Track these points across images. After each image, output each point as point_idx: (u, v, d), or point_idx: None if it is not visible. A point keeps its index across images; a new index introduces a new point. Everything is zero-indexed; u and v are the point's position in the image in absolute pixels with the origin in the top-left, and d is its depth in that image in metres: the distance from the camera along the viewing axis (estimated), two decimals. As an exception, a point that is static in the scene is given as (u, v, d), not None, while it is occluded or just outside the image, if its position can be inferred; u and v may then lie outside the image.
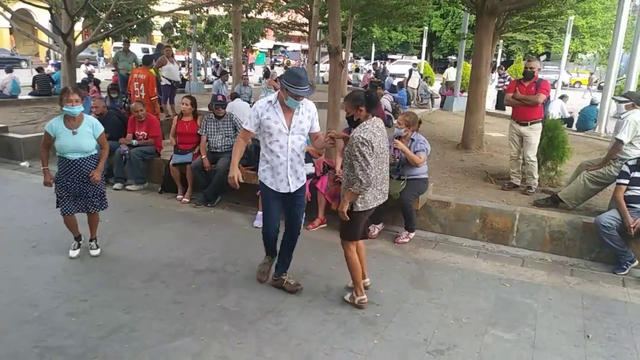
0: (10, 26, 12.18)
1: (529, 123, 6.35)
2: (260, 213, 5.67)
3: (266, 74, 14.36)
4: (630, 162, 5.04)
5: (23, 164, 7.79)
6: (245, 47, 21.78)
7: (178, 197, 6.44)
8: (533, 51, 40.07)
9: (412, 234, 5.47)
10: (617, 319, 3.98)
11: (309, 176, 5.61)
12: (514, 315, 3.99)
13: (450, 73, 19.39)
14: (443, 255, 5.11)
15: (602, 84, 31.80)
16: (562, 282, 4.63)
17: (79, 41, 10.98)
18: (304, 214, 5.65)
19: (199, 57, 21.92)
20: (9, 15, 11.19)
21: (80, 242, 4.76)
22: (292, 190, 3.99)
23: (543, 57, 37.82)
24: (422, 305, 4.09)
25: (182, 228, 5.52)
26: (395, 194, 5.22)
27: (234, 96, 9.65)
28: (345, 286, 4.25)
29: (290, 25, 23.24)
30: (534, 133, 6.37)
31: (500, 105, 17.03)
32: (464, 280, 4.58)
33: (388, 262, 4.90)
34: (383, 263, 4.86)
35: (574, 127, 13.07)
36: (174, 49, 15.42)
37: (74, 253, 4.66)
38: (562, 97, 14.11)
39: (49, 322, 3.61)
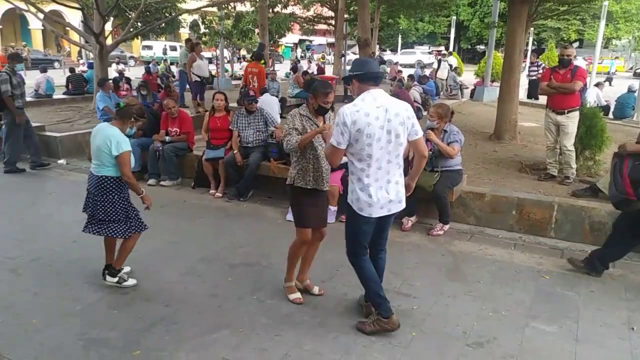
0: (43, 27, 12.52)
1: (566, 111, 6.18)
2: (334, 208, 5.69)
3: (294, 69, 14.33)
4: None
5: (60, 161, 8.00)
6: (272, 42, 21.84)
7: (211, 192, 6.51)
8: (565, 38, 39.05)
9: (447, 226, 5.41)
10: (663, 312, 3.86)
11: (340, 169, 5.59)
12: (554, 307, 3.90)
13: (450, 60, 19.22)
14: (479, 248, 5.03)
15: (638, 70, 30.83)
16: (604, 273, 4.50)
17: (109, 41, 11.21)
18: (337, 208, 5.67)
19: (227, 53, 22.09)
20: (41, 15, 11.50)
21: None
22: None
23: (575, 44, 36.81)
24: (459, 298, 4.04)
25: (216, 222, 5.58)
26: (429, 186, 5.16)
27: (263, 91, 9.68)
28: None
29: (316, 19, 23.19)
30: (571, 122, 6.19)
31: (532, 94, 16.66)
32: (501, 272, 4.50)
33: (423, 254, 4.85)
34: (417, 255, 4.81)
35: (610, 116, 12.70)
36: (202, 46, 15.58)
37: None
38: (597, 85, 13.72)
39: (92, 315, 3.69)
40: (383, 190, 3.27)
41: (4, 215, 5.72)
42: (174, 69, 19.04)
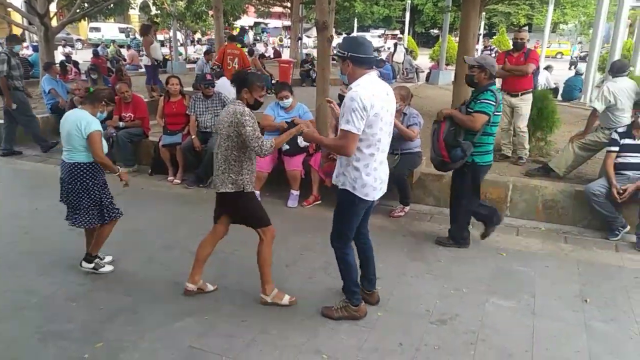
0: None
1: (519, 94, 6.35)
2: (296, 192, 5.58)
3: (250, 52, 14.11)
4: (619, 130, 5.10)
5: (5, 149, 7.59)
6: (226, 24, 21.37)
7: (169, 178, 6.36)
8: (515, 23, 40.06)
9: (407, 208, 5.49)
10: (613, 284, 4.06)
11: (300, 153, 5.57)
12: (512, 283, 4.04)
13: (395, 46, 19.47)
14: (439, 228, 5.13)
15: (583, 54, 32.03)
16: (557, 249, 4.69)
17: (55, 22, 10.68)
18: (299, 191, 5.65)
19: (180, 36, 21.46)
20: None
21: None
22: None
23: (524, 29, 37.91)
24: (422, 278, 4.12)
25: (176, 210, 5.46)
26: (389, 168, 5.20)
27: (219, 75, 9.48)
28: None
29: (271, 1, 22.84)
30: (524, 104, 6.38)
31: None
32: (461, 251, 4.62)
33: (385, 236, 4.91)
34: (380, 237, 4.83)
35: (559, 97, 13.15)
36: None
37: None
38: (547, 68, 14.17)
39: (49, 307, 3.56)
40: (382, 172, 3.31)
41: (-53, 207, 5.40)
42: (124, 52, 18.40)
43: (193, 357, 3.09)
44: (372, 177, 3.20)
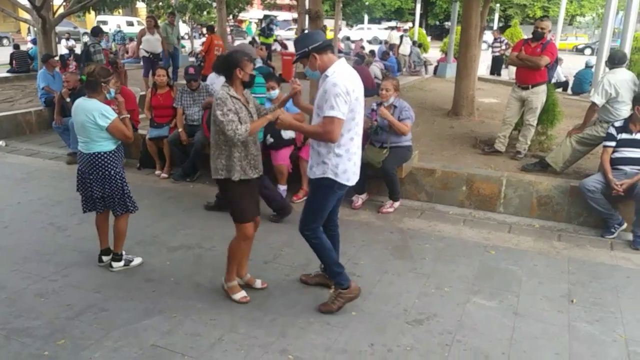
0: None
1: (530, 86, 6.09)
2: (284, 187, 5.50)
3: (251, 44, 13.99)
4: (616, 124, 4.89)
5: (-1, 142, 7.60)
6: (232, 16, 21.23)
7: (156, 172, 6.25)
8: (530, 15, 39.36)
9: (397, 203, 5.34)
10: (603, 283, 3.89)
11: (286, 146, 5.44)
12: (497, 282, 3.89)
13: (393, 36, 19.17)
14: (428, 224, 4.99)
15: (580, 46, 31.40)
16: (549, 247, 4.52)
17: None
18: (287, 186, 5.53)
19: (185, 28, 21.37)
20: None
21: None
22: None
23: (547, 18, 37.19)
24: (404, 276, 3.98)
25: (159, 204, 5.36)
26: (377, 162, 5.07)
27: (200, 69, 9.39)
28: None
29: (278, -7, 22.64)
30: (535, 97, 6.10)
31: (495, 70, 16.74)
32: (448, 248, 4.47)
33: (371, 232, 4.77)
34: (365, 234, 4.73)
35: (569, 91, 12.86)
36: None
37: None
38: (557, 61, 13.81)
39: (17, 303, 3.49)
40: (359, 157, 3.32)
41: None
42: (128, 44, 18.37)
43: (155, 356, 2.99)
44: (352, 162, 3.22)
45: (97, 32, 9.29)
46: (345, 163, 3.18)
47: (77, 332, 3.19)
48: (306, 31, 16.58)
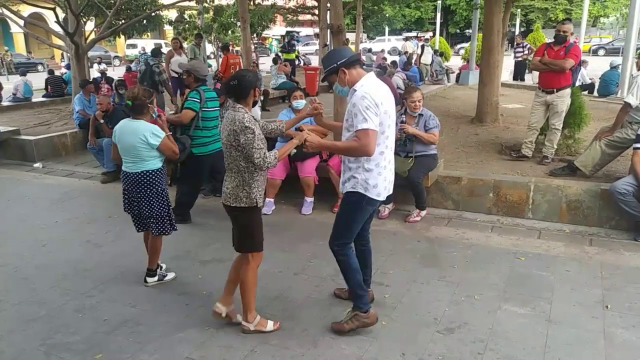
0: (25, 30, 12.37)
1: (555, 90, 6.04)
2: (310, 199, 5.57)
3: (275, 60, 14.22)
4: (647, 125, 4.81)
5: (36, 165, 7.88)
6: (255, 34, 21.61)
7: (187, 188, 6.39)
8: (553, 18, 38.88)
9: (424, 212, 5.34)
10: (638, 288, 3.80)
11: (311, 157, 5.50)
12: (528, 289, 3.85)
13: (408, 45, 19.11)
14: (456, 232, 4.97)
15: (594, 47, 30.77)
16: (581, 252, 4.45)
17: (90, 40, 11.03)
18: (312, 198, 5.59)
19: (211, 48, 21.82)
20: (21, 22, 11.32)
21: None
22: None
23: (568, 21, 36.69)
24: (433, 284, 3.98)
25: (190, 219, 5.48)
26: (403, 172, 5.08)
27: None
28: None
29: (299, 10, 22.97)
30: (560, 101, 6.04)
31: (518, 75, 16.58)
32: (477, 256, 4.44)
33: (398, 241, 4.78)
34: (393, 243, 4.74)
35: (595, 94, 12.63)
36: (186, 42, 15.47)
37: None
38: (582, 63, 13.59)
39: (56, 319, 3.61)
40: (390, 172, 3.27)
41: (-25, 221, 5.62)
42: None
43: (190, 368, 3.07)
44: (382, 177, 3.17)
45: (157, 52, 9.96)
46: (376, 177, 3.13)
47: (113, 347, 3.28)
48: (328, 45, 16.73)
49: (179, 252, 4.64)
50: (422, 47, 17.66)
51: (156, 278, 4.08)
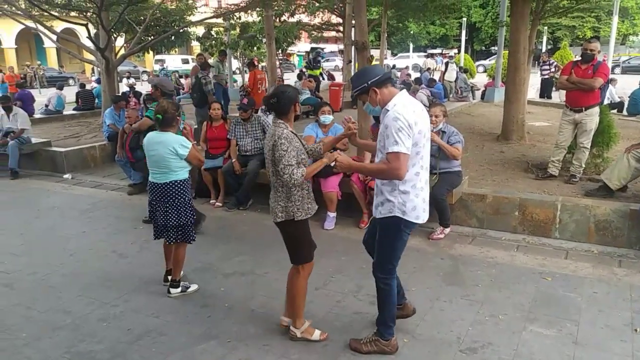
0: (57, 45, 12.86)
1: (583, 109, 5.96)
2: (333, 214, 5.58)
3: (299, 76, 14.36)
4: (678, 142, 4.69)
5: (66, 176, 8.08)
6: (281, 50, 21.90)
7: (211, 201, 6.49)
8: (580, 36, 38.45)
9: (447, 230, 5.29)
10: (670, 312, 3.69)
11: (335, 174, 5.51)
12: (555, 310, 3.76)
13: (428, 62, 19.01)
14: (480, 250, 4.91)
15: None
16: (609, 274, 4.34)
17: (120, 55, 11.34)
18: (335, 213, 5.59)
19: (236, 63, 22.16)
20: (54, 37, 11.71)
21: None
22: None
23: (595, 39, 36.23)
24: (456, 303, 3.92)
25: (213, 232, 5.53)
26: (427, 188, 5.05)
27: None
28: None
29: (324, 26, 23.21)
30: (589, 119, 5.95)
31: (545, 93, 16.39)
32: (501, 275, 4.37)
33: (422, 259, 4.74)
34: (416, 260, 4.70)
35: (624, 112, 12.40)
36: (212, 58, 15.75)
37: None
38: (610, 81, 13.39)
39: (81, 328, 3.67)
40: (426, 192, 3.17)
41: (5, 230, 5.76)
42: (183, 81, 19.24)
43: (211, 380, 3.07)
44: (420, 198, 3.07)
45: (205, 66, 10.29)
46: (413, 200, 3.03)
47: (136, 356, 3.32)
48: (352, 61, 16.76)
49: (202, 265, 4.68)
50: (446, 64, 17.61)
51: (179, 289, 4.13)
